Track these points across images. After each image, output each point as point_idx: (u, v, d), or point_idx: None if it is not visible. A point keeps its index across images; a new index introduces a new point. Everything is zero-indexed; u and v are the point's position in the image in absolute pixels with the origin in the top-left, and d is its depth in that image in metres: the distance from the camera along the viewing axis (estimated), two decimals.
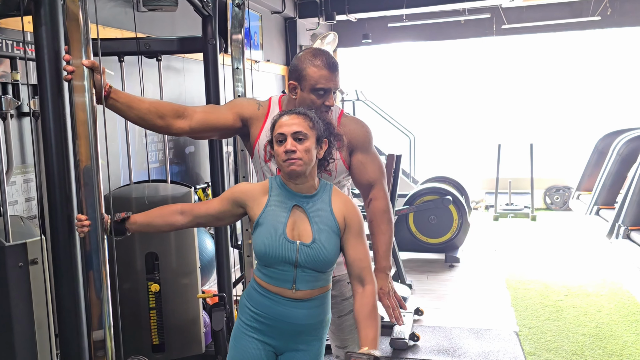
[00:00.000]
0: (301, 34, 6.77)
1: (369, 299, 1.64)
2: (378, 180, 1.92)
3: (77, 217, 1.62)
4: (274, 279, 1.65)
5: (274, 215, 1.63)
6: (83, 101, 1.59)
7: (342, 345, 2.12)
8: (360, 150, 1.91)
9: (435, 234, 5.22)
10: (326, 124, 1.67)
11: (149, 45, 2.76)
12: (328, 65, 1.76)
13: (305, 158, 1.56)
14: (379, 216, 1.88)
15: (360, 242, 1.66)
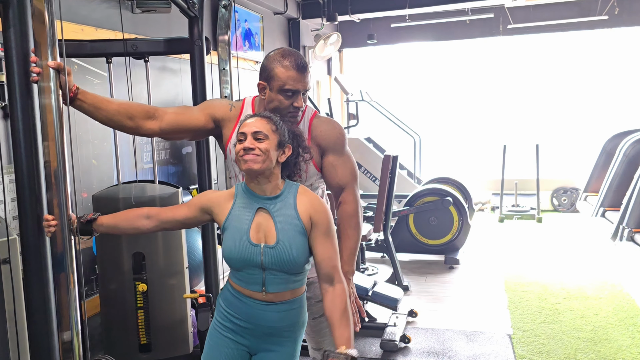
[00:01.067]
0: (304, 34, 6.77)
1: (340, 298, 1.63)
2: (349, 183, 1.90)
3: (44, 217, 1.64)
4: (244, 282, 1.65)
5: (238, 220, 1.64)
6: (49, 102, 1.61)
7: (317, 347, 2.12)
8: (331, 152, 1.90)
9: (435, 235, 5.18)
10: (295, 134, 1.67)
11: (136, 47, 2.78)
12: (297, 66, 1.76)
13: (262, 157, 1.56)
14: (346, 220, 1.87)
15: (328, 241, 1.64)
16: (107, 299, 2.93)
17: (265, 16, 5.79)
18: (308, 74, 1.80)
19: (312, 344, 2.12)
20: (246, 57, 5.35)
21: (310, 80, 1.82)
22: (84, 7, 3.24)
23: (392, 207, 5.60)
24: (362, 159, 7.32)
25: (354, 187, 1.91)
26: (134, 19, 3.69)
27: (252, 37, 5.39)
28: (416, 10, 6.25)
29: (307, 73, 1.79)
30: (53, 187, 1.64)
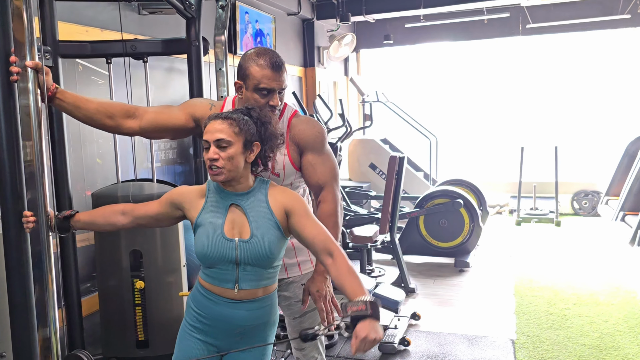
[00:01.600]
0: (319, 35, 6.77)
1: (342, 263, 1.58)
2: (328, 182, 1.89)
3: (24, 213, 1.68)
4: (216, 280, 1.65)
5: (212, 216, 1.64)
6: (28, 102, 1.65)
7: (299, 347, 2.11)
8: (310, 150, 1.89)
9: (445, 237, 5.11)
10: (261, 123, 1.64)
11: (135, 47, 2.83)
12: (271, 64, 1.76)
13: (228, 166, 1.56)
14: (325, 220, 1.86)
15: (311, 220, 1.63)
16: (106, 296, 2.99)
17: (278, 17, 5.81)
18: (284, 73, 1.80)
19: (294, 344, 2.12)
20: None
21: (286, 79, 1.81)
22: (89, 9, 3.30)
23: (405, 209, 5.57)
24: (377, 160, 7.29)
25: (334, 186, 1.90)
26: (141, 20, 3.76)
27: (263, 38, 5.41)
28: (431, 10, 6.19)
29: (283, 72, 1.79)
30: (33, 185, 1.69)
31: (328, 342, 3.40)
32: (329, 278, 1.85)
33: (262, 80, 1.75)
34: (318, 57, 6.77)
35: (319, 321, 1.96)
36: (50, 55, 2.69)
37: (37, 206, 1.69)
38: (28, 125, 1.67)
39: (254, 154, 1.62)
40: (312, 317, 2.01)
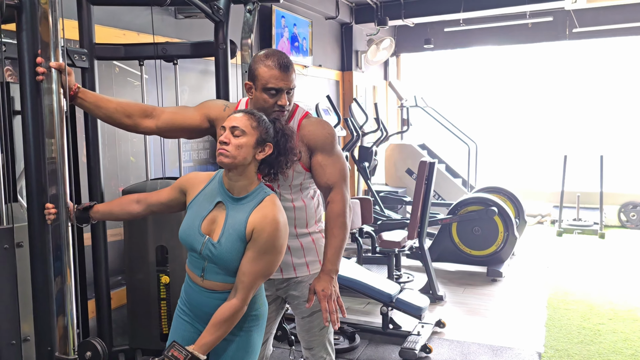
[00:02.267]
0: (357, 39, 6.78)
1: (227, 309, 1.61)
2: (337, 183, 1.91)
3: (46, 205, 1.78)
4: (191, 264, 1.73)
5: (199, 206, 1.70)
6: (51, 101, 1.75)
7: (307, 347, 2.13)
8: (320, 151, 1.91)
9: (479, 245, 5.01)
10: (282, 134, 1.68)
11: (165, 50, 2.93)
12: (279, 65, 1.79)
13: (235, 152, 1.59)
14: (333, 220, 1.88)
15: (255, 259, 1.60)
16: (133, 289, 3.10)
17: (315, 21, 5.87)
18: (292, 73, 1.83)
19: (303, 343, 2.14)
20: (294, 61, 5.44)
21: (294, 79, 1.84)
22: (127, 14, 3.45)
23: (440, 216, 5.48)
24: (414, 165, 7.20)
25: (342, 187, 1.91)
26: (177, 24, 3.89)
27: (299, 42, 5.48)
28: (471, 14, 6.10)
29: (291, 72, 1.82)
30: (55, 180, 1.78)
31: (349, 344, 3.40)
32: (335, 278, 1.87)
33: (270, 81, 1.79)
34: (356, 61, 6.79)
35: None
36: (87, 57, 2.83)
37: (58, 199, 1.78)
38: (51, 123, 1.76)
39: (265, 153, 1.65)
40: (320, 316, 2.02)
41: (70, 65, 2.76)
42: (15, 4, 1.77)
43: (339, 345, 3.37)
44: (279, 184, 1.90)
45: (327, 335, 2.11)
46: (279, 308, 2.10)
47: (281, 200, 1.90)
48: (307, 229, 1.98)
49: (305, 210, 1.97)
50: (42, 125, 1.80)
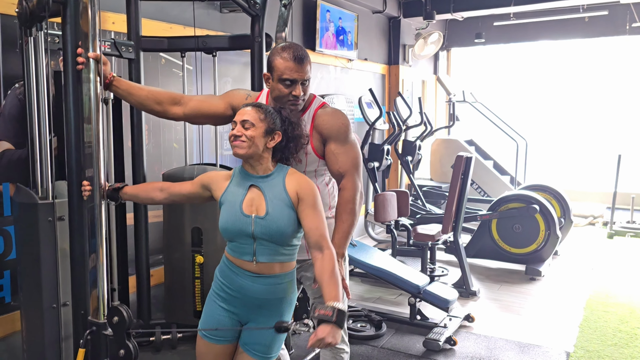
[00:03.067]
0: (405, 33, 6.77)
1: (329, 262, 1.72)
2: (348, 171, 1.99)
3: (83, 183, 1.96)
4: (237, 252, 1.82)
5: (233, 195, 1.82)
6: (88, 89, 1.92)
7: None
8: (333, 140, 2.00)
9: (518, 243, 4.92)
10: (290, 121, 1.80)
11: (205, 43, 3.09)
12: (294, 57, 1.89)
13: (248, 143, 1.72)
14: (343, 205, 1.97)
15: (315, 212, 1.76)
16: (170, 268, 3.30)
17: (361, 15, 5.92)
18: (307, 65, 1.92)
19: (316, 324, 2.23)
20: (338, 54, 5.52)
21: (309, 71, 1.93)
22: (175, 8, 3.64)
23: (482, 212, 5.42)
24: None
25: (354, 175, 1.99)
26: (223, 18, 4.06)
27: (345, 35, 5.54)
28: (522, 7, 5.95)
29: (306, 64, 1.91)
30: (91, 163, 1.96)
31: (375, 332, 3.47)
32: (341, 261, 1.94)
33: (285, 72, 1.89)
34: (403, 55, 6.78)
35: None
36: (133, 49, 3.04)
37: (93, 180, 1.96)
38: (89, 109, 1.93)
39: (275, 141, 1.78)
40: None
41: (117, 56, 2.98)
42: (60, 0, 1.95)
43: (365, 332, 3.46)
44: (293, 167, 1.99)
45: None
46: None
47: None
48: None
49: (321, 194, 2.05)
50: (82, 110, 1.98)
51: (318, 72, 5.35)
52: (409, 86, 7.06)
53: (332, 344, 1.54)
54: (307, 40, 5.10)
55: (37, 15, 2.15)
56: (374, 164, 5.28)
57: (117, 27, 3.23)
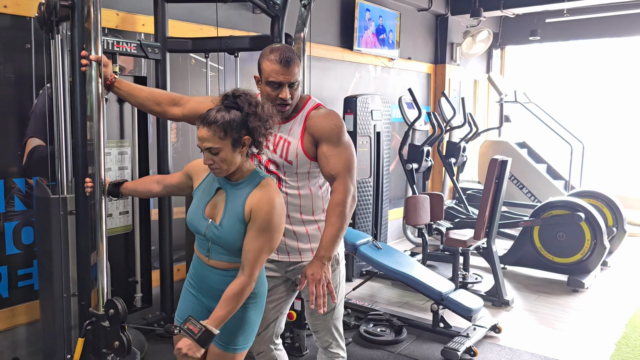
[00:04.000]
0: (453, 31, 6.58)
1: (236, 286, 1.72)
2: (340, 174, 1.95)
3: (85, 180, 2.05)
4: (198, 246, 1.89)
5: (203, 193, 1.85)
6: (91, 88, 2.00)
7: (314, 330, 2.21)
8: (325, 142, 1.97)
9: (562, 252, 4.67)
10: (246, 114, 1.70)
11: (227, 43, 3.14)
12: (280, 60, 1.87)
13: (224, 166, 1.71)
14: (332, 208, 1.93)
15: (257, 236, 1.71)
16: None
17: (405, 13, 5.80)
18: (294, 68, 1.89)
19: (310, 326, 2.22)
20: (378, 54, 5.45)
21: (297, 74, 1.90)
22: (205, 10, 3.72)
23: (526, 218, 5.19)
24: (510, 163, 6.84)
25: (346, 178, 1.94)
26: (255, 18, 4.10)
27: (386, 34, 5.46)
28: (575, 3, 5.62)
29: (293, 67, 1.89)
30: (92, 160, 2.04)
31: (394, 337, 3.40)
32: (327, 264, 1.91)
33: (271, 75, 1.88)
34: (450, 53, 6.59)
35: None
36: (159, 50, 3.14)
37: (95, 175, 2.04)
38: (91, 108, 2.02)
39: (246, 147, 1.73)
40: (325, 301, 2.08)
41: (143, 57, 3.09)
42: (69, 4, 2.05)
43: (383, 337, 3.40)
44: (285, 171, 1.99)
45: (333, 320, 2.17)
46: (290, 290, 2.18)
47: (287, 186, 2.00)
48: (313, 217, 2.05)
49: (312, 198, 2.03)
50: (86, 109, 2.07)
51: (356, 71, 5.30)
52: (456, 86, 6.86)
53: (188, 355, 1.66)
54: (344, 40, 5.06)
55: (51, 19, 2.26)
56: (413, 165, 5.17)
57: (146, 28, 3.34)
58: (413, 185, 5.25)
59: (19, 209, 2.86)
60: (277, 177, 2.00)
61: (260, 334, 2.11)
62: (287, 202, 1.98)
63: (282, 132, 1.98)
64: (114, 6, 3.20)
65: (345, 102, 4.55)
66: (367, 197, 4.69)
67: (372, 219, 4.78)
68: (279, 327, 2.24)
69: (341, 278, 2.16)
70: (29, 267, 2.91)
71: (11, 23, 2.76)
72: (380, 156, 4.79)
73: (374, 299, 4.23)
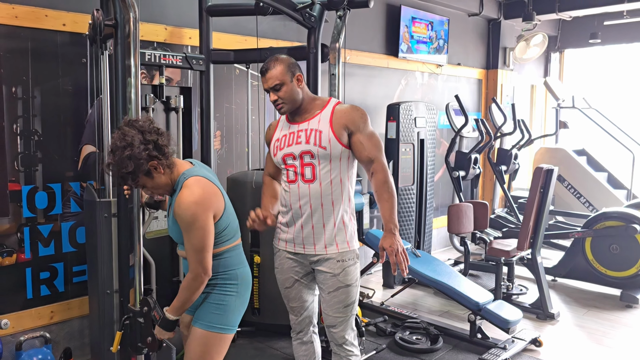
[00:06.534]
0: (506, 35, 6.43)
1: (186, 279, 1.94)
2: (376, 156, 2.14)
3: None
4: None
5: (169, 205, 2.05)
6: (130, 99, 2.16)
7: (331, 324, 2.23)
8: (357, 130, 2.13)
9: (615, 265, 4.46)
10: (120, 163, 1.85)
11: (267, 54, 3.26)
12: (261, 72, 2.14)
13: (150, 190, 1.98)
14: (381, 187, 2.13)
15: (186, 237, 1.89)
16: None
17: (454, 18, 5.74)
18: (272, 73, 2.09)
19: (327, 321, 2.24)
20: (425, 60, 5.43)
21: (277, 77, 2.08)
22: (251, 22, 3.86)
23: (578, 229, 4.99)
24: (567, 172, 6.61)
25: (381, 158, 2.15)
26: (299, 29, 4.18)
27: (433, 40, 5.43)
28: (637, 4, 5.36)
29: (271, 72, 2.10)
30: None
31: (429, 346, 3.39)
32: (396, 234, 2.09)
33: (262, 85, 2.14)
34: (503, 58, 6.45)
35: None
36: (204, 62, 3.31)
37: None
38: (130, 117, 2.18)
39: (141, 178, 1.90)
40: (345, 292, 2.17)
41: (188, 68, 3.25)
42: (112, 23, 2.23)
43: (418, 345, 3.39)
44: (320, 160, 2.11)
45: (351, 314, 2.22)
46: (314, 278, 2.27)
47: (321, 176, 2.12)
48: (342, 207, 2.17)
49: (341, 188, 2.16)
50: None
51: (402, 78, 5.31)
52: (509, 91, 6.69)
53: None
54: (389, 47, 5.09)
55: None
56: (460, 172, 5.11)
57: (192, 41, 3.52)
58: (459, 193, 5.18)
59: (74, 211, 3.09)
60: (310, 168, 2.13)
61: (302, 314, 2.31)
62: (320, 194, 2.12)
63: (312, 126, 2.14)
64: (163, 21, 3.40)
65: (388, 109, 4.58)
66: (409, 204, 4.68)
67: (415, 227, 4.77)
68: (310, 309, 2.34)
69: (358, 274, 2.23)
70: (83, 264, 3.14)
71: (69, 40, 3.00)
72: (424, 163, 4.77)
73: (415, 307, 4.21)
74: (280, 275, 2.32)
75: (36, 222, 2.95)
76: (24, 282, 2.93)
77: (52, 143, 2.99)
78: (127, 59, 2.18)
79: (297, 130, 2.16)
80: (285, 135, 2.19)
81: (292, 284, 2.28)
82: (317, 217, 2.13)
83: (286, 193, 2.19)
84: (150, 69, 3.28)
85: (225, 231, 2.00)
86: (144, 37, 3.20)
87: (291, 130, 2.18)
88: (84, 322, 3.17)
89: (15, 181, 2.87)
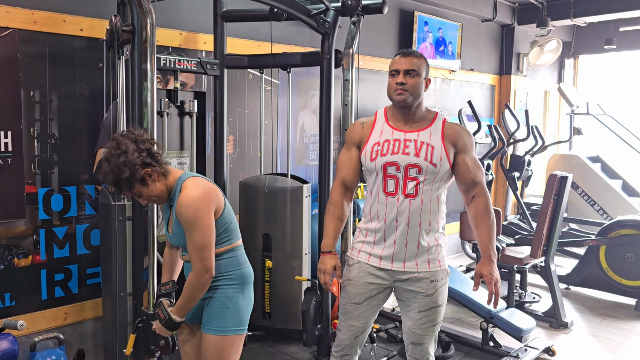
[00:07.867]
0: (520, 41, 6.40)
1: (192, 279, 1.93)
2: (481, 180, 2.08)
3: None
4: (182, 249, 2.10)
5: (165, 213, 2.07)
6: (147, 103, 2.18)
7: (418, 342, 2.15)
8: (464, 151, 2.06)
9: (630, 274, 4.41)
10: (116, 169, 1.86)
11: (280, 60, 3.28)
12: (404, 51, 2.08)
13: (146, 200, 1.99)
14: (482, 212, 2.06)
15: (188, 236, 1.89)
16: None
17: (467, 24, 5.73)
18: (412, 59, 2.03)
19: (413, 338, 2.16)
20: (437, 65, 5.42)
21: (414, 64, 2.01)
22: (263, 28, 3.88)
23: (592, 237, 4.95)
24: (580, 179, 6.55)
25: (484, 183, 2.10)
26: (312, 35, 4.20)
27: (445, 45, 5.42)
28: None
29: (411, 58, 2.03)
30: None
31: (441, 353, 3.37)
32: (495, 262, 2.05)
33: (392, 65, 2.08)
34: (517, 64, 6.41)
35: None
36: (218, 67, 3.33)
37: None
38: (146, 121, 2.20)
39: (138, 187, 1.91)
40: (437, 312, 2.10)
41: (203, 73, 3.28)
42: (129, 29, 2.25)
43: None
44: (426, 177, 2.00)
45: (438, 330, 2.19)
46: (385, 298, 2.17)
47: (423, 192, 2.01)
48: (438, 226, 2.09)
49: (439, 206, 2.07)
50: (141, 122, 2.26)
51: None
52: (522, 97, 6.66)
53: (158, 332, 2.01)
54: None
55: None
56: None
57: (207, 46, 3.55)
58: None
59: (89, 213, 3.13)
60: (415, 183, 2.01)
61: (357, 337, 2.16)
62: (421, 211, 2.02)
63: (422, 138, 2.03)
64: (178, 26, 3.43)
65: None
66: None
67: None
68: (363, 336, 2.21)
69: (446, 293, 2.16)
70: (97, 266, 3.17)
71: (86, 44, 3.04)
72: None
73: None
74: (352, 288, 2.12)
75: (52, 224, 2.99)
76: (39, 283, 2.97)
77: (68, 146, 3.03)
78: (143, 63, 2.20)
79: (403, 138, 2.03)
80: (387, 140, 2.05)
81: (363, 300, 2.11)
82: (413, 235, 2.02)
83: (380, 205, 2.05)
84: (165, 74, 3.32)
85: (225, 231, 2.00)
86: (159, 42, 3.23)
87: (395, 137, 2.04)
88: (97, 324, 3.19)
89: (32, 184, 2.91)
